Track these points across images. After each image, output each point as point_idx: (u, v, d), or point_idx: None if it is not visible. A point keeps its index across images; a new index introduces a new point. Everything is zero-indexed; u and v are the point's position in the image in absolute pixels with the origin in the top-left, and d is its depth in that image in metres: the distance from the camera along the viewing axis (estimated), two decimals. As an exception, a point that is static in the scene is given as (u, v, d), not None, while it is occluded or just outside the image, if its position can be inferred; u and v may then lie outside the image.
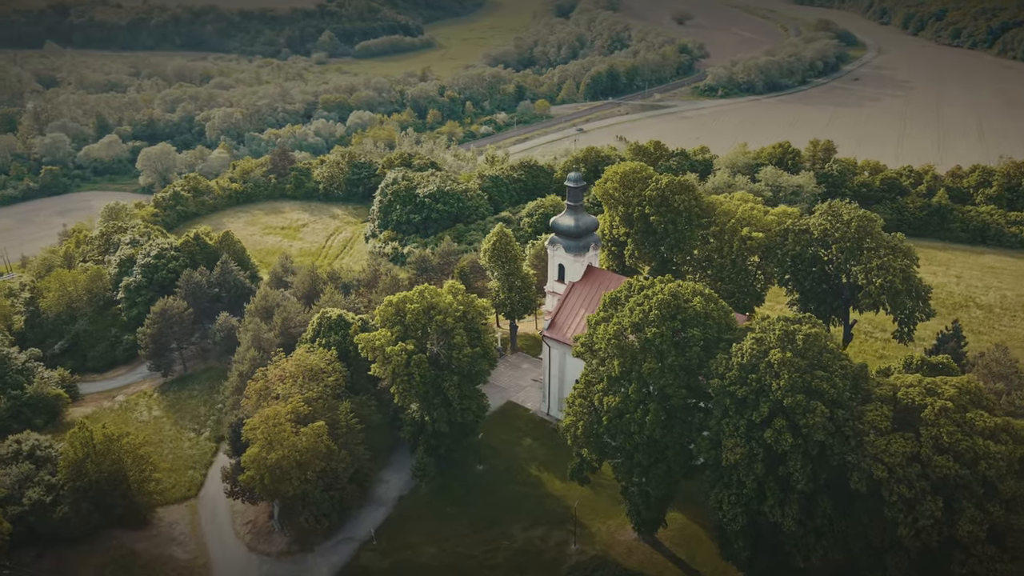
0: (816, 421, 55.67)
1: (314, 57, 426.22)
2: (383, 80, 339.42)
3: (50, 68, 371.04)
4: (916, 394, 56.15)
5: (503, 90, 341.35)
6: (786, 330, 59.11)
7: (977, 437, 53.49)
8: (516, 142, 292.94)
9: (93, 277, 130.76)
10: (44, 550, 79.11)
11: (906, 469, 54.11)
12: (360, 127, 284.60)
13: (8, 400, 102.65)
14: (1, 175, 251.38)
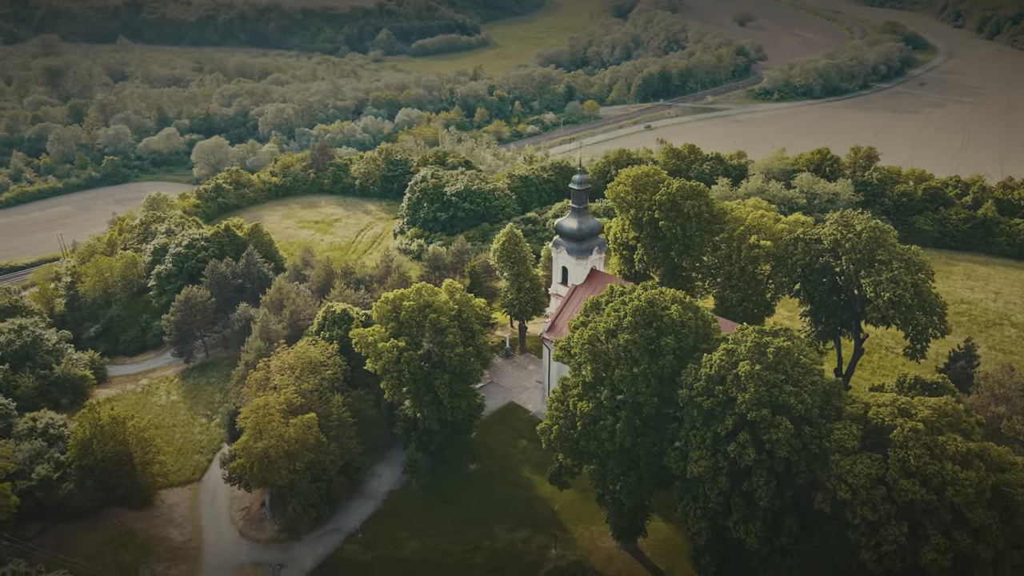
0: (780, 437, 54.20)
1: (371, 55, 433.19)
2: (434, 78, 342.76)
3: (120, 63, 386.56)
4: (887, 414, 54.08)
5: (553, 90, 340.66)
6: (758, 342, 57.67)
7: (947, 462, 51.21)
8: (563, 142, 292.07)
9: (128, 264, 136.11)
10: (49, 524, 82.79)
11: (870, 491, 52.19)
12: (407, 124, 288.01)
13: (36, 379, 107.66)
14: (66, 164, 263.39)
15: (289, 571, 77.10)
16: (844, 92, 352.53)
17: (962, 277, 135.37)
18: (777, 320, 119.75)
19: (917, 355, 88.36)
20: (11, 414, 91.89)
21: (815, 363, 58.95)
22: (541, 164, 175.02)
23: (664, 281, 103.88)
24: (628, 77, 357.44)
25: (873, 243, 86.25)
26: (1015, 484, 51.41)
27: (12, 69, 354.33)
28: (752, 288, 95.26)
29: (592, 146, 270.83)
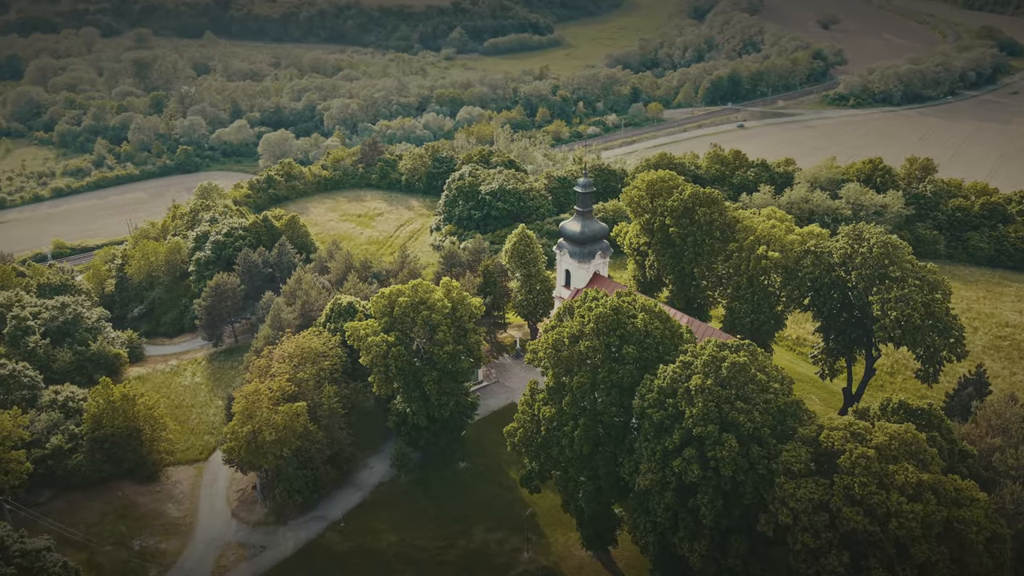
0: (724, 455, 52.58)
1: (442, 53, 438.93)
2: (499, 77, 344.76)
3: (205, 57, 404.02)
4: (838, 438, 51.67)
5: (617, 91, 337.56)
6: (714, 356, 56.07)
7: (894, 493, 48.61)
8: (623, 144, 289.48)
9: (172, 250, 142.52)
10: (59, 492, 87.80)
11: (812, 517, 50.04)
12: (468, 122, 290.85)
13: (74, 355, 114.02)
14: (144, 152, 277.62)
15: (270, 553, 79.47)
16: (927, 99, 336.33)
17: (1013, 299, 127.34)
18: (795, 333, 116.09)
19: (930, 378, 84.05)
20: (37, 386, 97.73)
21: (774, 381, 56.75)
22: (581, 166, 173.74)
23: (676, 290, 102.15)
24: (696, 80, 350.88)
25: (884, 258, 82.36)
26: (969, 521, 48.33)
27: (105, 61, 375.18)
28: (762, 300, 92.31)
29: (651, 149, 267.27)
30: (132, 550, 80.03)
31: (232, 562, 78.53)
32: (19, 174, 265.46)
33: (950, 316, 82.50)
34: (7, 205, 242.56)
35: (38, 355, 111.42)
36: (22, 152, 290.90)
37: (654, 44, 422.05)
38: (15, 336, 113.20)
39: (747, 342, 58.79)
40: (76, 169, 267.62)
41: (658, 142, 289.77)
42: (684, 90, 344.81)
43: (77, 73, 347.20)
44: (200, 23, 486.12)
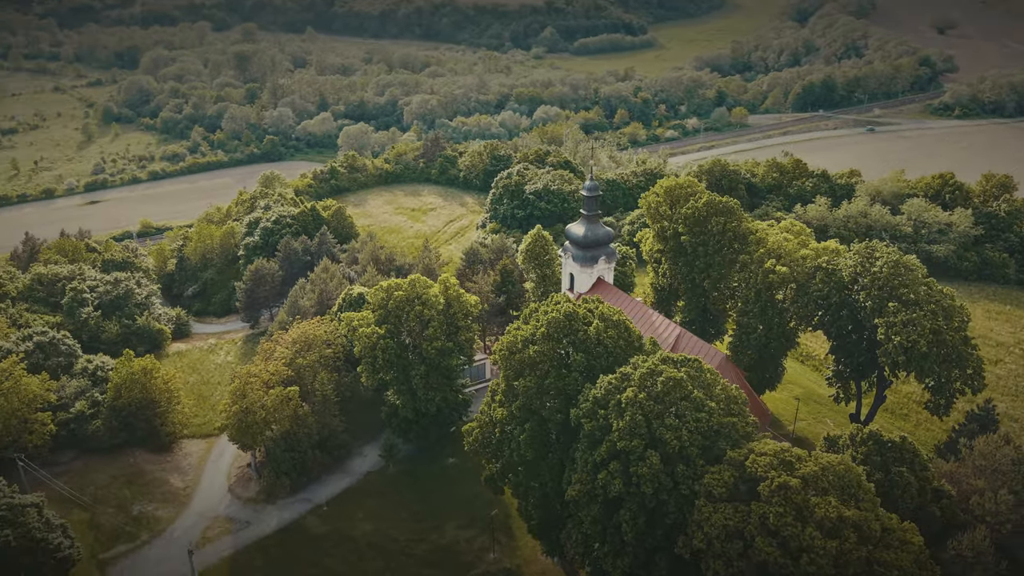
0: (645, 471, 51.03)
1: (532, 51, 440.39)
2: (581, 77, 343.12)
3: (304, 51, 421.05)
4: (763, 465, 49.14)
5: (702, 95, 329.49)
6: (652, 370, 54.45)
7: (810, 526, 45.87)
8: (700, 149, 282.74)
9: (227, 234, 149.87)
10: (79, 455, 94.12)
11: (725, 544, 47.88)
12: (544, 121, 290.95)
13: (120, 328, 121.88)
14: (235, 140, 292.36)
15: (252, 530, 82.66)
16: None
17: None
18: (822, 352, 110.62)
19: (940, 411, 78.46)
20: (74, 354, 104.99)
21: (713, 399, 54.44)
22: (633, 169, 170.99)
23: (688, 301, 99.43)
24: (787, 85, 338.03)
25: (894, 279, 77.45)
26: (891, 564, 44.97)
27: (211, 53, 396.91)
28: (771, 316, 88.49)
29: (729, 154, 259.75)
30: (130, 514, 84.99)
31: (216, 534, 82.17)
32: (123, 157, 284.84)
33: (966, 345, 76.70)
34: (109, 185, 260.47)
35: (89, 326, 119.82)
36: (129, 136, 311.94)
37: (747, 47, 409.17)
38: (71, 307, 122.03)
39: (693, 358, 56.74)
40: (173, 154, 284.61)
41: (738, 148, 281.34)
42: (773, 95, 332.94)
43: (185, 64, 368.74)
44: (305, 19, 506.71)
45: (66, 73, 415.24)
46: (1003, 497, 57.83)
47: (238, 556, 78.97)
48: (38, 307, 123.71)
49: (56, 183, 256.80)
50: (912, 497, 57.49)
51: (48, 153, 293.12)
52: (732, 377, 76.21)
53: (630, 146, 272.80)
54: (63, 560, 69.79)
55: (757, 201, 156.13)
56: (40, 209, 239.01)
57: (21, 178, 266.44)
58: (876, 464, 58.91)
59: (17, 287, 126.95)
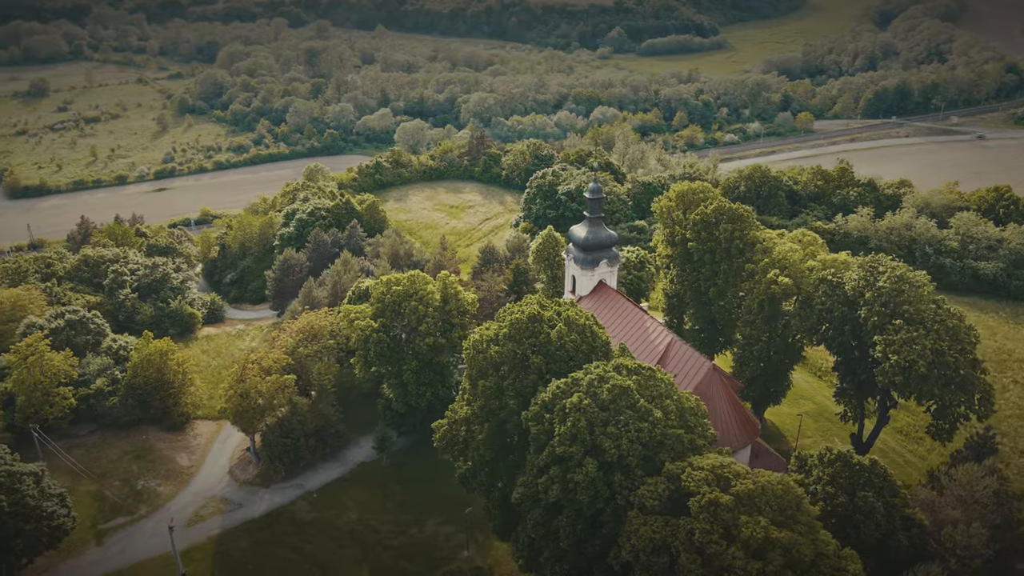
0: (580, 479, 50.29)
1: (598, 52, 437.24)
2: (642, 78, 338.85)
3: (373, 48, 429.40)
4: (697, 479, 47.69)
5: (767, 98, 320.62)
6: (600, 376, 53.59)
7: (735, 546, 44.32)
8: (760, 154, 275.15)
9: (266, 224, 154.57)
10: (96, 429, 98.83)
11: (651, 557, 46.72)
12: (600, 122, 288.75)
13: (155, 310, 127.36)
14: (297, 133, 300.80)
15: (243, 511, 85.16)
16: None
17: None
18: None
19: (943, 436, 74.49)
20: (102, 332, 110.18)
21: (661, 410, 53.07)
22: (672, 172, 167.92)
23: (694, 309, 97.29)
24: (859, 90, 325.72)
25: (897, 295, 73.86)
26: (817, 592, 43.04)
27: (284, 49, 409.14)
28: (772, 329, 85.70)
29: (790, 161, 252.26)
30: (134, 488, 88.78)
31: (209, 513, 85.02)
32: (192, 147, 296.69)
33: (974, 369, 72.48)
34: (177, 174, 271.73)
35: (126, 307, 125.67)
36: (200, 128, 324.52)
37: (821, 50, 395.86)
38: (112, 288, 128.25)
39: (647, 366, 55.50)
40: (238, 145, 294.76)
41: (800, 154, 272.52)
42: (842, 100, 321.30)
43: (257, 59, 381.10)
44: (377, 16, 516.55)
45: (150, 66, 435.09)
46: (976, 530, 54.46)
47: (225, 536, 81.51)
48: (82, 287, 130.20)
49: (128, 170, 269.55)
50: (878, 524, 54.82)
51: (125, 141, 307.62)
52: (718, 388, 74.23)
53: (687, 149, 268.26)
54: (56, 528, 73.37)
55: (797, 209, 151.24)
56: (112, 194, 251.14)
57: (98, 164, 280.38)
58: (842, 487, 56.46)
59: (65, 267, 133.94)
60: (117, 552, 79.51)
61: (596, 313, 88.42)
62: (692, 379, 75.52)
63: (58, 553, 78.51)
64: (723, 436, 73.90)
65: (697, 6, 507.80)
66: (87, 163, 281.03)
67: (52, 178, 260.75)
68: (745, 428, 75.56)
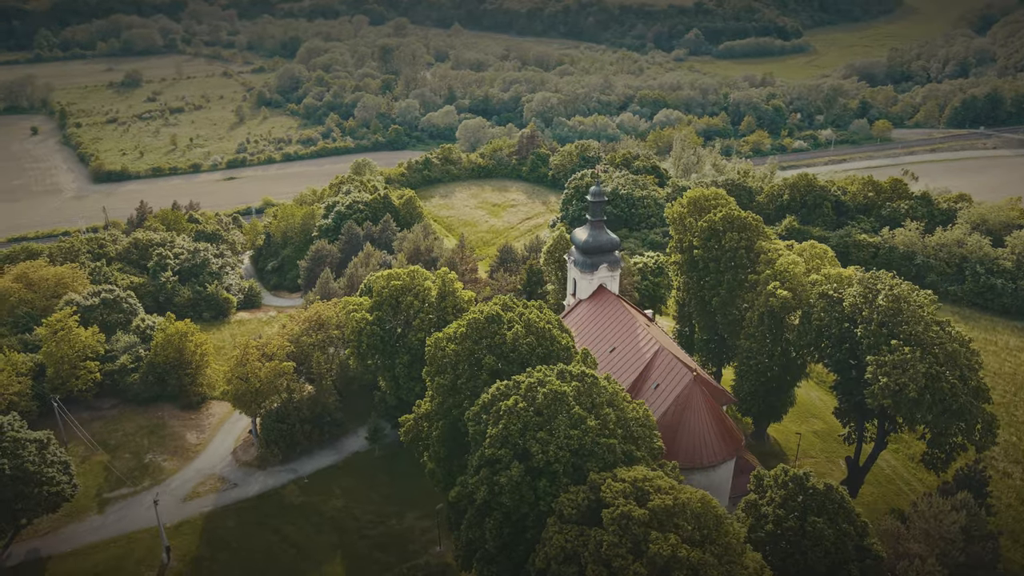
0: (505, 482, 49.90)
1: (673, 54, 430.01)
2: (711, 81, 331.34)
3: (447, 46, 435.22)
4: (616, 490, 46.54)
5: (844, 104, 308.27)
6: (539, 380, 53.02)
7: (640, 562, 43.11)
8: (829, 162, 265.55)
9: (307, 215, 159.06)
10: (118, 403, 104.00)
11: (562, 567, 45.90)
12: (664, 125, 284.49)
13: (193, 293, 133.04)
14: (363, 128, 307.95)
15: (237, 491, 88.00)
16: None
17: None
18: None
19: (938, 465, 70.32)
20: (134, 312, 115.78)
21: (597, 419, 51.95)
22: (713, 179, 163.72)
23: (699, 318, 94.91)
24: (945, 98, 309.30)
25: (895, 315, 70.08)
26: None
27: (360, 45, 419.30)
28: (772, 343, 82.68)
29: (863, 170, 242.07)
30: (141, 462, 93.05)
31: (205, 491, 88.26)
32: (264, 138, 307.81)
33: (976, 398, 68.03)
34: (247, 164, 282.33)
35: (166, 289, 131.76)
36: (274, 120, 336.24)
37: (908, 55, 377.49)
38: (155, 270, 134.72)
39: (591, 373, 54.49)
40: (307, 138, 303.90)
41: (873, 163, 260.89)
42: (926, 108, 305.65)
43: (334, 55, 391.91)
44: (456, 15, 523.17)
45: (236, 60, 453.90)
46: (931, 567, 51.09)
47: (215, 514, 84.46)
48: (129, 268, 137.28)
49: (203, 159, 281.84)
50: (827, 551, 52.26)
51: (204, 131, 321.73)
52: (698, 400, 72.20)
53: (751, 155, 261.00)
54: (56, 494, 77.60)
55: (844, 220, 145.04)
56: (185, 182, 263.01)
57: (176, 153, 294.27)
58: (792, 510, 54.09)
59: (116, 249, 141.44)
60: (115, 520, 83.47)
61: (591, 317, 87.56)
62: (674, 389, 73.78)
63: (61, 517, 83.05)
64: (702, 449, 72.04)
65: (782, 8, 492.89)
66: (167, 151, 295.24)
67: (133, 164, 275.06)
68: (727, 442, 73.23)
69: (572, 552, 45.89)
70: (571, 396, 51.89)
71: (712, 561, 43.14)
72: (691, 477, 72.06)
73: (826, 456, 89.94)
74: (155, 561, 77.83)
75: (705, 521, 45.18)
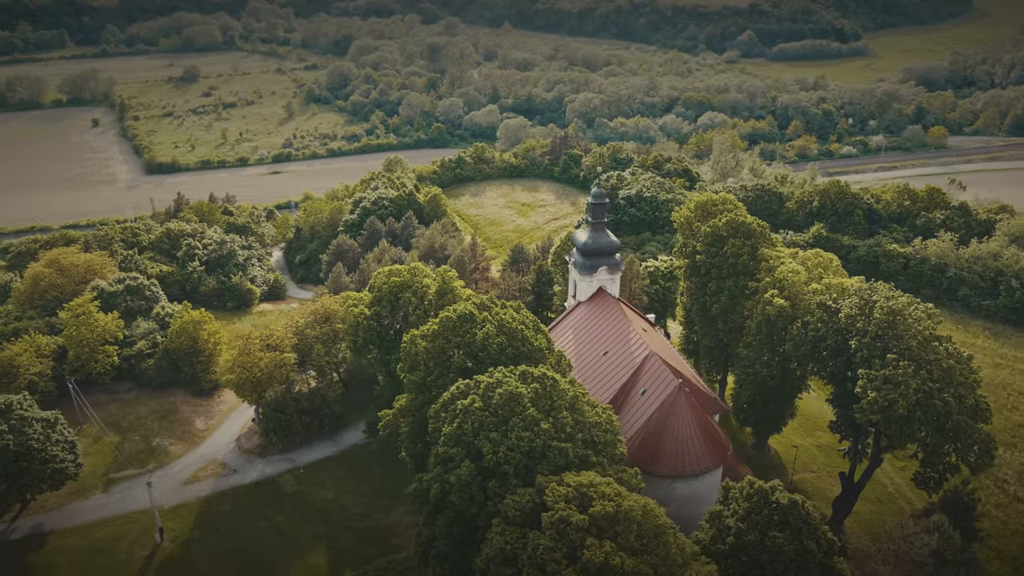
0: (453, 480, 49.93)
1: (724, 55, 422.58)
2: (760, 84, 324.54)
3: (496, 45, 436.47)
4: (559, 494, 46.05)
5: (898, 110, 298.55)
6: (498, 380, 52.88)
7: (572, 568, 42.63)
8: (879, 169, 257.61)
9: (335, 210, 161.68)
10: (135, 387, 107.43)
11: (500, 567, 45.72)
12: (708, 127, 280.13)
13: (217, 283, 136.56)
14: (407, 125, 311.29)
15: (235, 477, 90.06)
16: None
17: None
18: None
19: (930, 485, 67.58)
20: (156, 299, 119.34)
21: (546, 420, 51.51)
22: (744, 184, 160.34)
23: (701, 325, 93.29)
24: (1008, 105, 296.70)
25: (888, 328, 67.68)
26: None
27: (409, 44, 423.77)
28: (769, 352, 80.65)
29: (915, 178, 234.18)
30: (149, 444, 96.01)
31: (205, 476, 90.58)
32: (310, 134, 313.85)
33: (973, 417, 65.21)
34: (292, 158, 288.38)
35: (192, 279, 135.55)
36: (322, 117, 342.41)
37: (972, 60, 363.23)
38: (183, 260, 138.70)
39: (551, 376, 54.02)
40: (352, 135, 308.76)
41: (925, 171, 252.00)
42: (986, 115, 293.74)
43: (383, 53, 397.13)
44: (508, 14, 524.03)
45: (291, 57, 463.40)
46: (894, 591, 49.28)
47: (212, 498, 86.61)
48: (160, 257, 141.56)
49: (251, 153, 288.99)
50: (786, 568, 50.82)
51: (254, 126, 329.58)
52: (682, 407, 70.94)
53: (796, 160, 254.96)
54: (59, 471, 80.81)
55: (875, 229, 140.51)
56: (232, 175, 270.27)
57: (226, 147, 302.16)
58: (754, 524, 52.73)
59: (149, 238, 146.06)
60: (117, 500, 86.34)
61: (588, 319, 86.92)
62: (659, 395, 72.71)
63: (67, 494, 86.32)
64: (685, 457, 70.81)
65: (842, 10, 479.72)
66: (216, 145, 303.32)
67: (184, 157, 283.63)
68: (712, 451, 71.84)
69: (511, 554, 45.65)
70: (528, 398, 51.59)
71: (647, 571, 42.35)
72: (674, 485, 71.11)
73: (828, 471, 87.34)
74: (149, 541, 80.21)
75: (645, 530, 44.38)
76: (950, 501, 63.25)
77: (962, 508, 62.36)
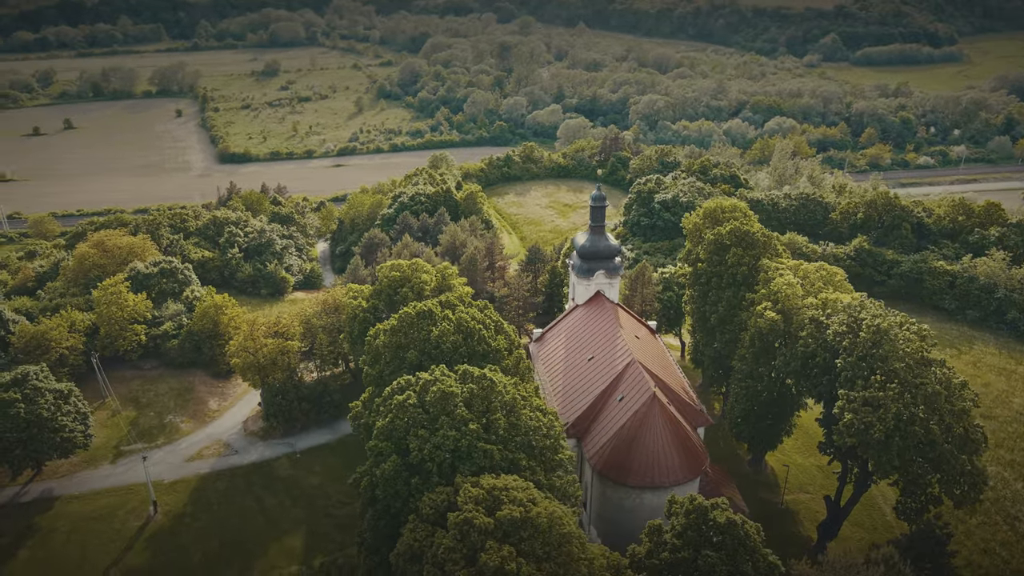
0: (379, 474, 50.26)
1: (805, 59, 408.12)
2: (836, 89, 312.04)
3: (568, 44, 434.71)
4: (470, 496, 45.60)
5: (985, 119, 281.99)
6: (435, 378, 52.88)
7: (468, 570, 42.21)
8: (955, 182, 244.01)
9: (375, 204, 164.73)
10: (159, 365, 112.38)
11: (408, 564, 45.64)
12: (774, 133, 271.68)
13: (253, 271, 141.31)
14: (471, 123, 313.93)
15: (235, 458, 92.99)
16: None
17: None
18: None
19: (910, 516, 63.84)
20: (188, 282, 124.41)
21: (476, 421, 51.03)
22: (789, 191, 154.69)
23: (701, 335, 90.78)
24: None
25: (874, 348, 64.22)
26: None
27: (481, 42, 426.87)
28: (761, 367, 77.76)
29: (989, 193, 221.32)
30: (162, 421, 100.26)
31: (207, 455, 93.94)
32: (376, 129, 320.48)
33: (962, 448, 61.15)
34: (356, 152, 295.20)
35: (231, 265, 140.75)
36: (390, 112, 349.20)
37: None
38: (224, 247, 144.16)
39: (488, 378, 53.53)
40: (416, 131, 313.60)
41: (1008, 185, 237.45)
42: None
43: (454, 51, 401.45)
44: (584, 14, 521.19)
45: (368, 53, 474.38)
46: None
47: (210, 476, 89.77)
48: (204, 243, 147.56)
49: (318, 146, 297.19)
50: (724, 590, 48.97)
51: (324, 120, 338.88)
52: (656, 417, 69.11)
53: (867, 170, 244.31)
54: (67, 440, 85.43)
55: (924, 244, 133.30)
56: (298, 167, 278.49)
57: (295, 139, 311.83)
58: (689, 541, 51.00)
59: (196, 224, 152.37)
60: (123, 471, 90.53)
61: (581, 323, 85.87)
62: (635, 403, 71.13)
63: (80, 463, 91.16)
64: (655, 468, 69.08)
65: (938, 13, 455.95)
66: (287, 137, 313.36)
67: (255, 148, 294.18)
68: (687, 464, 69.76)
69: (418, 551, 45.59)
70: (462, 398, 51.37)
71: (539, 579, 41.61)
72: (643, 496, 69.54)
73: (824, 492, 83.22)
74: (144, 513, 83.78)
75: (550, 538, 43.52)
76: (920, 535, 59.37)
77: (934, 542, 58.52)
